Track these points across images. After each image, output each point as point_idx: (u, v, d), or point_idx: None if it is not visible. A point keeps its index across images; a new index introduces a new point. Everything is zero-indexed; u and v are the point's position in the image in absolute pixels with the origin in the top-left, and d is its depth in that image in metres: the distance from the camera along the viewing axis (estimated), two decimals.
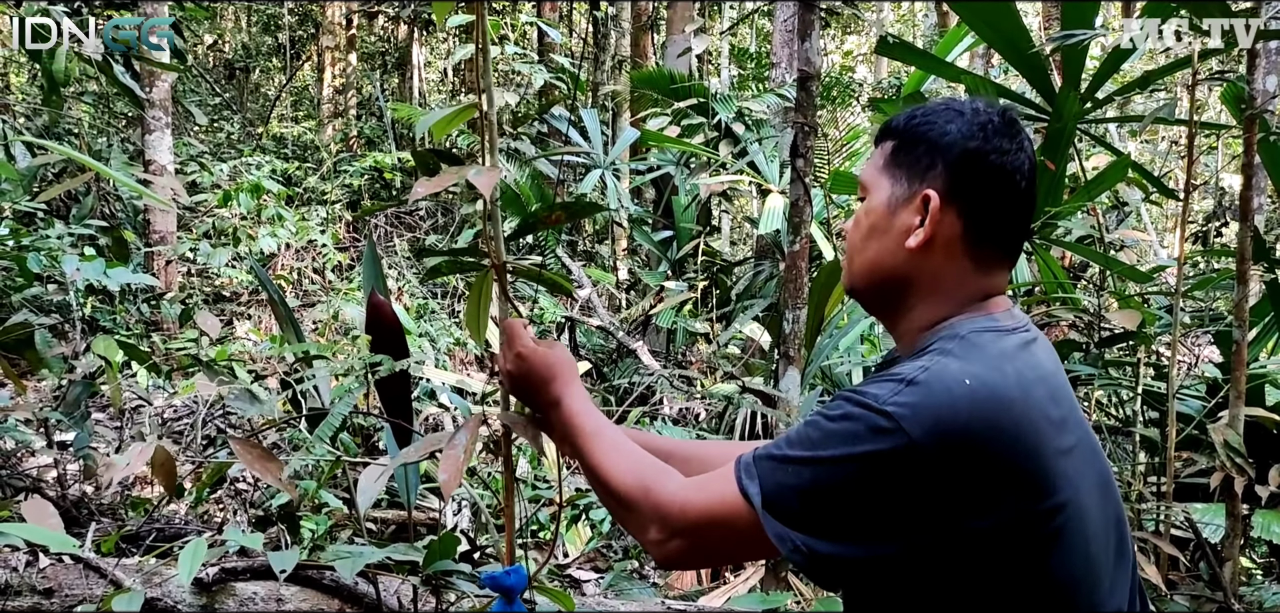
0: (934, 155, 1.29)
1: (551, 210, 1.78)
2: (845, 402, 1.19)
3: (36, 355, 3.53)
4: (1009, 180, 1.28)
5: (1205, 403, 3.79)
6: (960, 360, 1.19)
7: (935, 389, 1.14)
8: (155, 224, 8.08)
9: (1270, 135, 3.03)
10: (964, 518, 1.13)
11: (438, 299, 9.25)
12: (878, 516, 1.15)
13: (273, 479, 1.70)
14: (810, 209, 3.46)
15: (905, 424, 1.12)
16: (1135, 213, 8.05)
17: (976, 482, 1.13)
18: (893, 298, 1.35)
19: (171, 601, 2.86)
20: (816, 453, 1.18)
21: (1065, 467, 1.18)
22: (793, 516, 1.19)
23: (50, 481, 4.25)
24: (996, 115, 1.29)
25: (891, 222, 1.31)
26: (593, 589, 4.11)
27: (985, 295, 1.31)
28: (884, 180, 1.33)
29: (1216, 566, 2.98)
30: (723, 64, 12.59)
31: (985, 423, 1.13)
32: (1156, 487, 3.18)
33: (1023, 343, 1.25)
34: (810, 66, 3.42)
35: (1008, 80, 6.87)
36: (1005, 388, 1.16)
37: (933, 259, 1.29)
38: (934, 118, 1.31)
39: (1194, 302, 6.07)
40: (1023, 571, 1.17)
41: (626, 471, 1.38)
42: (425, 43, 14.45)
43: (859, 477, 1.15)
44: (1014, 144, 1.29)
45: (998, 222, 1.29)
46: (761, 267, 7.86)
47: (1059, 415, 1.21)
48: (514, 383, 1.61)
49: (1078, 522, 1.19)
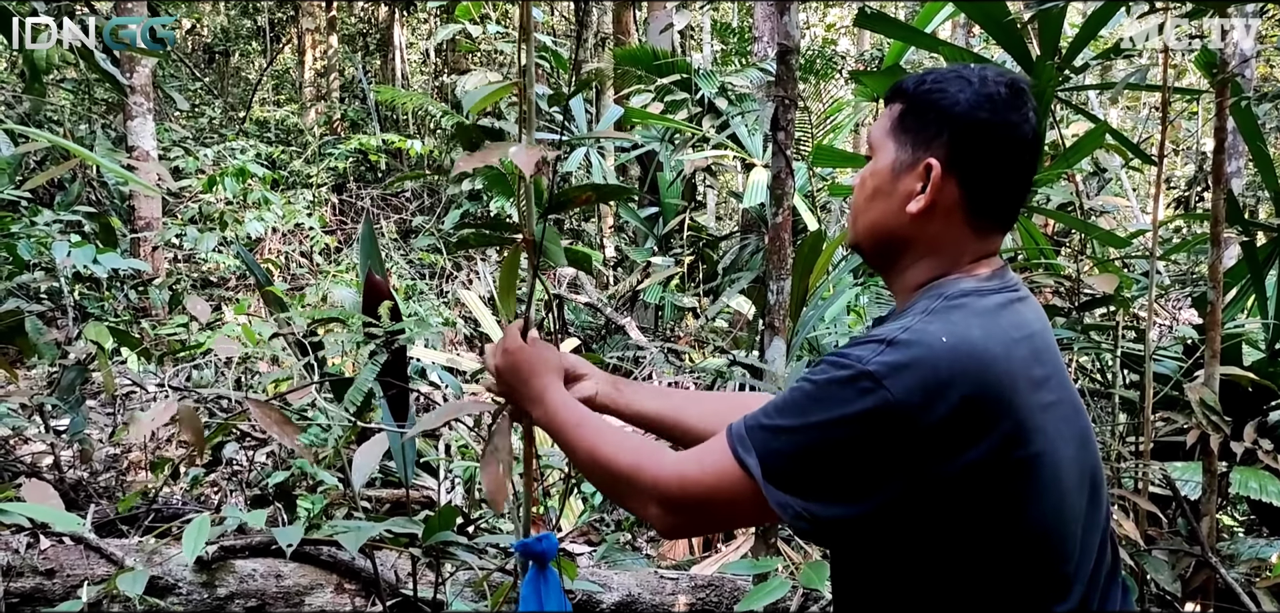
0: (940, 124, 1.33)
1: (581, 190, 1.84)
2: (829, 366, 1.24)
3: (28, 342, 3.56)
4: (1011, 152, 1.32)
5: (1182, 364, 3.86)
6: (940, 319, 1.24)
7: (915, 347, 1.20)
8: (140, 210, 8.07)
9: (1242, 100, 3.09)
10: (947, 465, 1.19)
11: (426, 280, 9.27)
12: (870, 472, 1.20)
13: (290, 442, 1.75)
14: (792, 181, 3.51)
15: (887, 382, 1.18)
16: (1116, 179, 8.13)
17: (958, 431, 1.18)
18: (892, 257, 1.40)
19: (173, 578, 2.90)
20: (806, 419, 1.23)
21: (1043, 421, 1.23)
22: (792, 482, 1.23)
23: (46, 466, 4.28)
24: (1004, 86, 1.32)
25: (895, 185, 1.36)
26: (586, 561, 4.16)
27: (979, 258, 1.36)
28: (890, 143, 1.37)
29: (1194, 521, 3.06)
30: (705, 39, 12.58)
31: (964, 376, 1.18)
32: (1135, 446, 3.25)
33: (1005, 302, 1.30)
34: (789, 40, 3.46)
35: (988, 50, 6.92)
36: (984, 343, 1.21)
37: (932, 224, 1.34)
38: (943, 85, 1.34)
39: (1174, 265, 6.15)
40: (999, 516, 1.22)
41: (616, 452, 1.42)
42: (406, 23, 14.37)
43: (848, 436, 1.20)
44: (1019, 116, 1.32)
45: (997, 192, 1.34)
46: (747, 240, 7.90)
47: (1042, 374, 1.26)
48: (500, 378, 1.65)
49: (1052, 473, 1.24)
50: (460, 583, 3.19)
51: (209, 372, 5.94)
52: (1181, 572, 3.01)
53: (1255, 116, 3.39)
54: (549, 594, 1.69)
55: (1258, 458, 3.12)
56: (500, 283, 1.82)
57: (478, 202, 9.66)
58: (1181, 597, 3.07)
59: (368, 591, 3.23)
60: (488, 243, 1.94)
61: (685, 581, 3.65)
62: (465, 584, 3.19)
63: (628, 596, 3.50)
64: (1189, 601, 3.13)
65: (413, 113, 12.15)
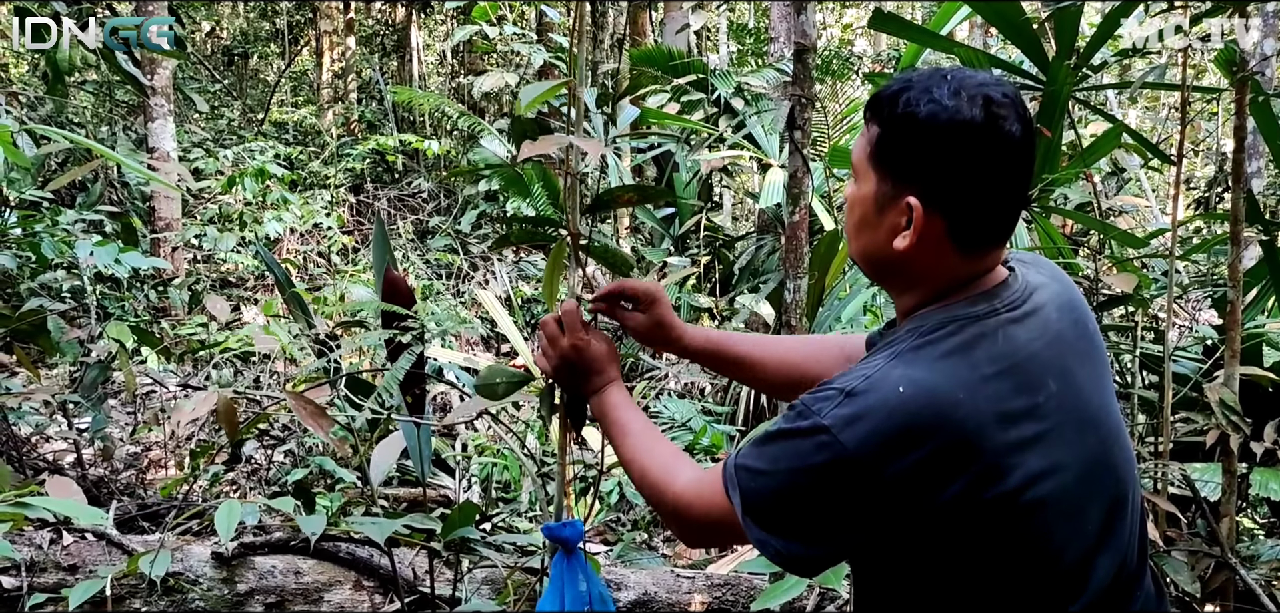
0: (915, 158, 1.26)
1: (624, 191, 1.87)
2: (795, 415, 1.27)
3: (50, 341, 3.60)
4: (994, 172, 1.25)
5: (1202, 364, 3.84)
6: (904, 366, 1.23)
7: (870, 398, 1.20)
8: (160, 211, 8.14)
9: (1259, 97, 3.07)
10: (917, 507, 1.19)
11: (443, 280, 9.30)
12: (839, 517, 1.23)
13: (323, 433, 1.77)
14: (809, 180, 3.51)
15: (841, 436, 1.19)
16: (1135, 180, 8.08)
17: (922, 478, 1.18)
18: (885, 280, 1.41)
19: (194, 574, 2.93)
20: (775, 467, 1.27)
21: (1023, 458, 1.20)
22: (768, 521, 1.28)
23: (69, 464, 4.33)
24: (979, 102, 1.23)
25: (880, 218, 1.32)
26: (603, 561, 4.18)
27: (975, 276, 1.32)
28: (871, 173, 1.32)
29: (1213, 522, 3.04)
30: (721, 40, 12.58)
31: (921, 427, 1.18)
32: (1154, 446, 3.24)
33: (989, 330, 1.26)
34: (806, 39, 3.47)
35: (1005, 51, 6.89)
36: (944, 389, 1.20)
37: (921, 256, 1.30)
38: (915, 107, 1.25)
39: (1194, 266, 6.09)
40: (983, 551, 1.22)
41: (646, 470, 1.51)
42: (423, 25, 14.43)
43: (810, 487, 1.24)
44: (999, 131, 1.24)
45: (984, 216, 1.28)
46: (763, 241, 7.89)
47: (1023, 405, 1.22)
48: (566, 364, 1.67)
49: (1037, 508, 1.22)
50: (478, 581, 3.21)
51: (227, 371, 5.98)
52: (1200, 573, 2.99)
53: (1276, 116, 3.36)
54: (573, 579, 1.71)
55: (1278, 459, 3.10)
56: (546, 278, 1.85)
57: (494, 202, 9.69)
58: (1201, 598, 3.05)
59: (386, 588, 3.25)
60: (530, 240, 1.98)
61: (701, 579, 3.65)
62: (483, 582, 3.21)
63: (644, 594, 3.51)
64: (1208, 602, 3.11)
65: (429, 114, 12.20)
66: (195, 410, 1.87)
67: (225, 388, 4.25)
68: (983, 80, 1.26)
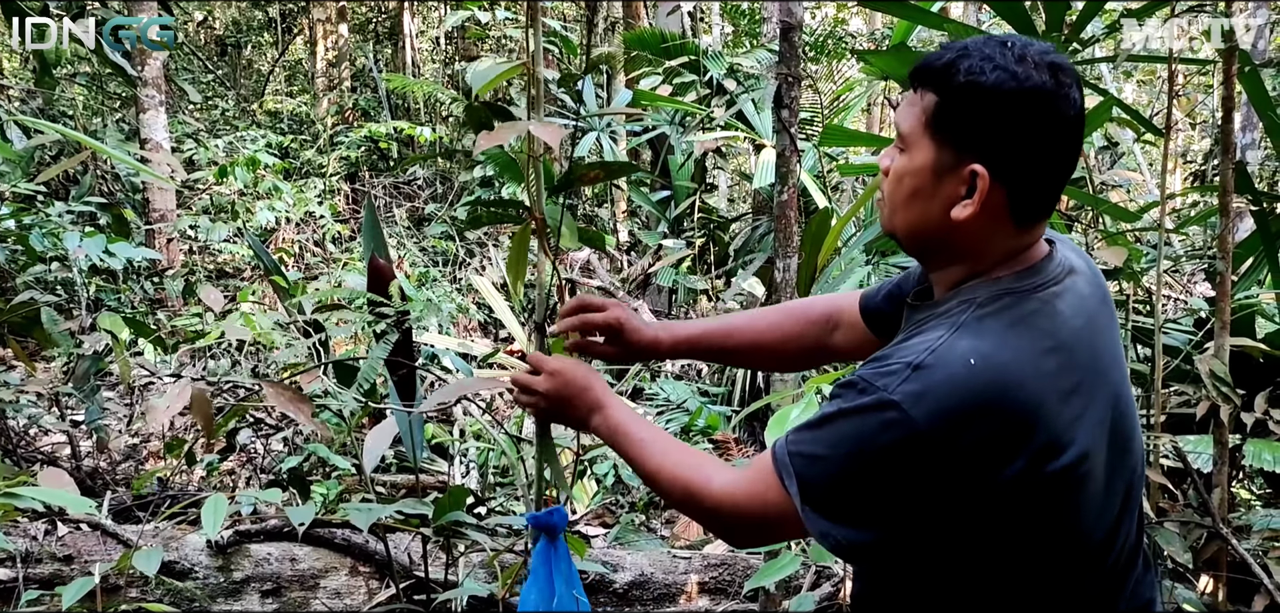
0: (983, 125, 1.23)
1: (590, 168, 1.84)
2: (856, 392, 1.22)
3: (44, 333, 3.60)
4: (1058, 143, 1.24)
5: (1194, 336, 3.84)
6: (970, 337, 1.20)
7: (939, 375, 1.17)
8: (154, 202, 8.13)
9: (1246, 67, 3.06)
10: (982, 482, 1.17)
11: (439, 267, 9.30)
12: (906, 497, 1.19)
13: (303, 419, 1.77)
14: (797, 158, 3.50)
15: (912, 412, 1.15)
16: (1129, 153, 8.06)
17: (989, 453, 1.16)
18: (930, 254, 1.36)
19: (189, 563, 2.94)
20: (837, 450, 1.22)
21: (1076, 432, 1.20)
22: (832, 508, 1.23)
23: (64, 456, 4.33)
24: (1047, 71, 1.22)
25: (936, 188, 1.28)
26: (601, 543, 4.19)
27: (1020, 249, 1.30)
28: (927, 143, 1.28)
29: (1205, 493, 3.05)
30: (714, 21, 12.53)
31: (991, 402, 1.16)
32: (1146, 419, 3.24)
33: (1042, 303, 1.25)
34: (792, 17, 3.46)
35: (997, 27, 6.87)
36: (1011, 365, 1.18)
37: (977, 228, 1.27)
38: (980, 74, 1.22)
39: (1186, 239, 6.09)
40: (1037, 525, 1.22)
41: (676, 477, 1.43)
42: (416, 12, 14.37)
43: (877, 469, 1.19)
44: (1065, 101, 1.22)
45: (1044, 188, 1.27)
46: (758, 222, 7.89)
47: (1071, 383, 1.22)
48: (552, 402, 1.63)
49: (1087, 481, 1.22)
50: (473, 564, 3.22)
51: (225, 361, 5.99)
52: (1193, 543, 3.00)
53: (1265, 86, 3.35)
54: (558, 565, 1.71)
55: (1270, 429, 3.11)
56: (509, 263, 1.83)
57: (489, 188, 9.67)
58: (1194, 569, 3.06)
59: (381, 573, 3.26)
60: (497, 221, 1.95)
61: (697, 560, 3.67)
62: (477, 565, 3.23)
63: (640, 575, 3.53)
64: (1201, 572, 3.13)
65: (424, 100, 12.17)
66: (169, 407, 1.86)
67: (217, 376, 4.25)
68: (1043, 47, 1.24)
